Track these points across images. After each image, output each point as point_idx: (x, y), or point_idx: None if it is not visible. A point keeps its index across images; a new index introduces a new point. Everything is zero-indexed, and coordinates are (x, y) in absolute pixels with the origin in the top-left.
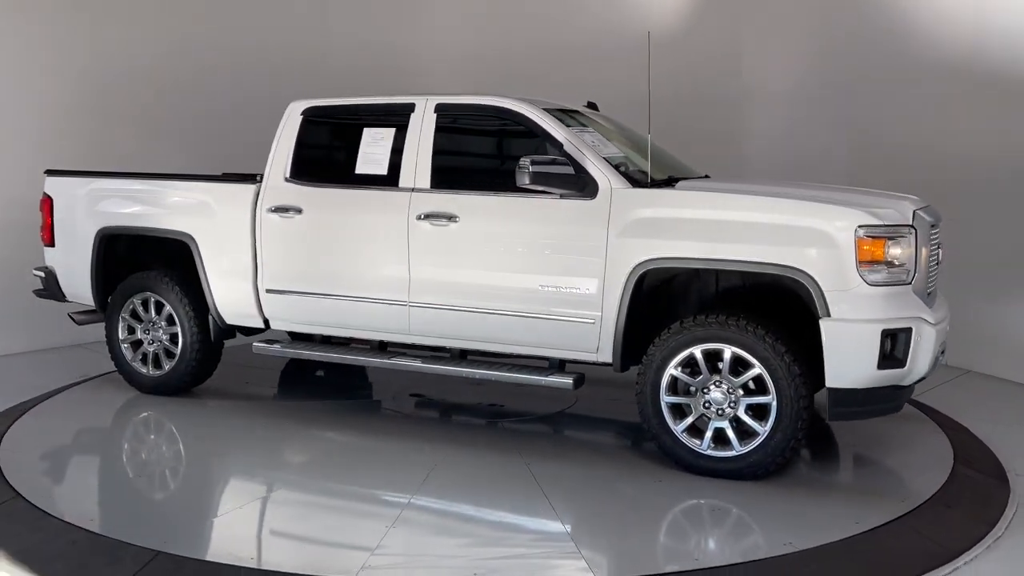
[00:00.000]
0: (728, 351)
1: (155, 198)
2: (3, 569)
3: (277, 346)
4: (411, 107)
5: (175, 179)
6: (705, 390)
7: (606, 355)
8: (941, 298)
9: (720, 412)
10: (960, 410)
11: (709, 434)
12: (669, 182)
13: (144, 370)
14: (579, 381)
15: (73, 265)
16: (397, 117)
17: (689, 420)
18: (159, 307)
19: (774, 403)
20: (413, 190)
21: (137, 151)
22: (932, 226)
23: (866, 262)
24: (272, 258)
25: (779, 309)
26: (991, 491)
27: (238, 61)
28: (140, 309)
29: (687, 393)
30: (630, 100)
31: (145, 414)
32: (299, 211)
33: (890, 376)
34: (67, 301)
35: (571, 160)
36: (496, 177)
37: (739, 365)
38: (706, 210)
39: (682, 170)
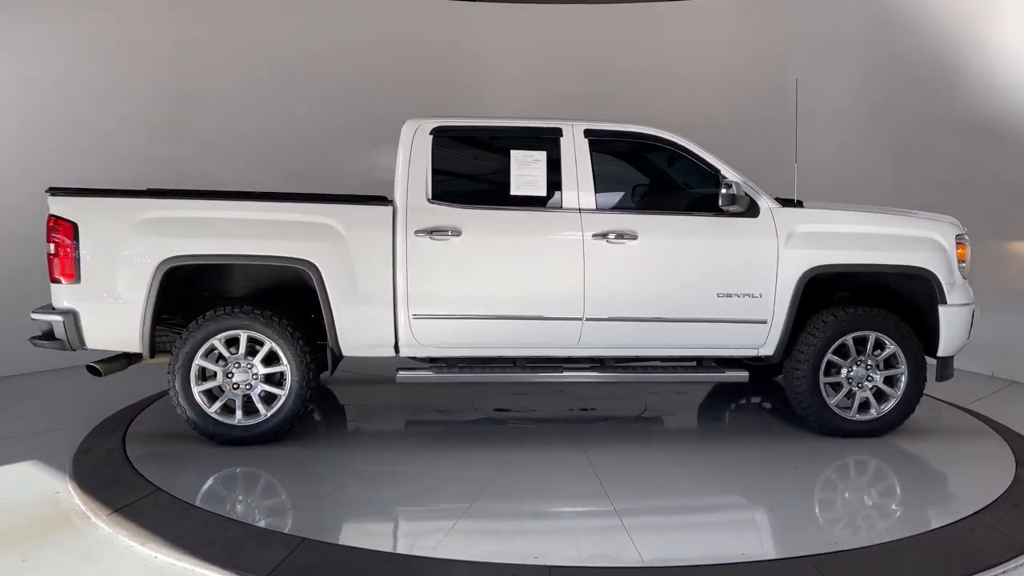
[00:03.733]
0: (872, 336)
1: (254, 222)
2: (164, 552)
3: (428, 372)
4: (558, 131)
5: (287, 200)
6: (849, 369)
7: (770, 349)
8: None
9: (860, 385)
10: (1012, 418)
11: (856, 403)
12: (797, 203)
13: (230, 420)
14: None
15: (113, 305)
16: (543, 141)
17: (840, 394)
18: (252, 346)
19: (905, 372)
20: (580, 211)
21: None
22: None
23: (960, 262)
24: (423, 281)
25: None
26: None
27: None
28: (224, 351)
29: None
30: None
31: None
32: (457, 233)
33: (963, 345)
34: (84, 349)
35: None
36: (657, 197)
37: (877, 346)
38: (855, 225)
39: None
